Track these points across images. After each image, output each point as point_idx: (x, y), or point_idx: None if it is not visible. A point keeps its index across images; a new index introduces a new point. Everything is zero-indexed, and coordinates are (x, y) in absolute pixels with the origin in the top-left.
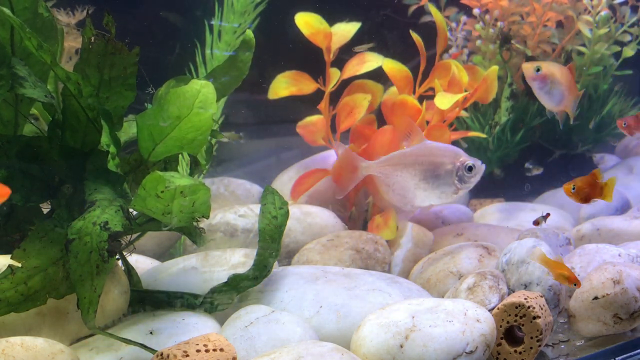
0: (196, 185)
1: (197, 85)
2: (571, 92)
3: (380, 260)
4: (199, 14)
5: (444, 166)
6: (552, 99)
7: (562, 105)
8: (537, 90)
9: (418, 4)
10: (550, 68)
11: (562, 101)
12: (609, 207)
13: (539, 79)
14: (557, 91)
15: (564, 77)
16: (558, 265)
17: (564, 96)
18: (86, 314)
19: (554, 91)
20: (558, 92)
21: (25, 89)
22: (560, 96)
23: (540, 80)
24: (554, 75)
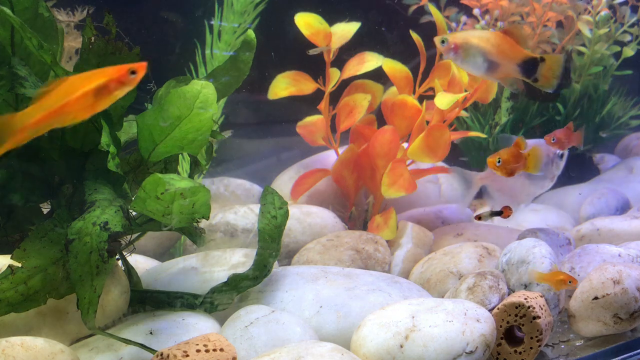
0: (196, 187)
1: (197, 86)
2: (507, 57)
3: (380, 260)
4: (199, 13)
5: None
6: (476, 67)
7: (496, 73)
8: (454, 62)
9: (418, 4)
10: (460, 36)
11: (496, 68)
12: (609, 207)
13: (450, 50)
14: (479, 58)
15: (487, 41)
16: (554, 274)
17: (495, 63)
18: (86, 314)
19: (475, 59)
20: (481, 59)
21: (25, 89)
22: (487, 63)
23: (451, 51)
24: (466, 42)
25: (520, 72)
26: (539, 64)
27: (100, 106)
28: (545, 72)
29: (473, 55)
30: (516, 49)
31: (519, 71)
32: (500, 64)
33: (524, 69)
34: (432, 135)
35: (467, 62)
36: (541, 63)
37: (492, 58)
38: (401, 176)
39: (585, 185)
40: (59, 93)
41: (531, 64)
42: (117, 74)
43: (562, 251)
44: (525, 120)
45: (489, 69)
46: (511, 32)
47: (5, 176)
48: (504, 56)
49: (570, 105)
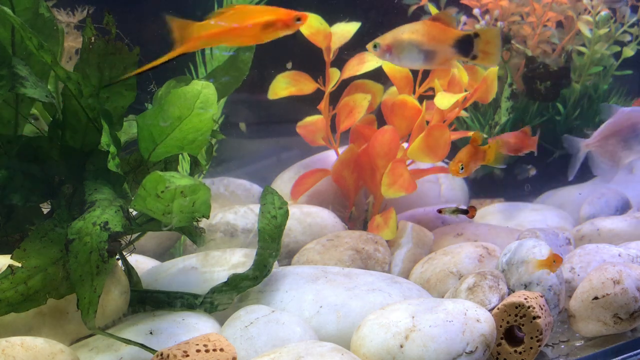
0: (196, 185)
1: (197, 86)
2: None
3: (380, 260)
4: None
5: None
6: (413, 60)
7: (435, 60)
8: (393, 62)
9: (418, 4)
10: (389, 35)
11: (433, 56)
12: (609, 207)
13: (385, 53)
14: (413, 51)
15: (416, 33)
16: (550, 259)
17: (430, 50)
18: (86, 314)
19: (410, 53)
20: (416, 51)
21: (26, 89)
22: (422, 53)
23: (386, 52)
24: (397, 39)
25: (457, 52)
26: (473, 41)
27: (263, 38)
28: (483, 47)
29: (407, 50)
30: (447, 31)
31: (456, 51)
32: (436, 50)
33: (460, 49)
34: (432, 135)
35: (404, 58)
36: (476, 39)
37: (426, 47)
38: (401, 176)
39: (585, 185)
40: (233, 17)
41: (466, 42)
42: (285, 16)
43: (562, 251)
44: (525, 120)
45: (426, 59)
46: (439, 18)
47: (5, 176)
48: (437, 41)
49: (570, 105)
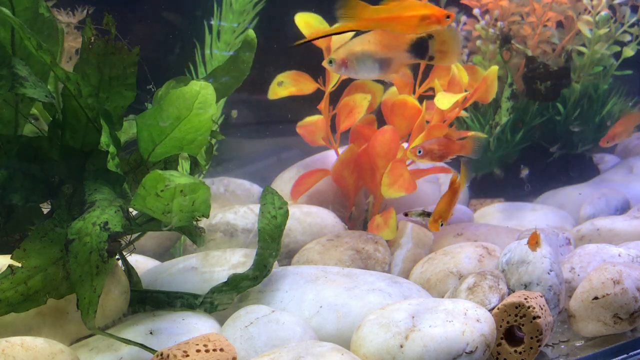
0: (196, 184)
1: (196, 86)
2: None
3: (380, 261)
4: (198, 13)
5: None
6: (370, 70)
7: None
8: (350, 75)
9: None
10: (343, 49)
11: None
12: (609, 207)
13: (341, 67)
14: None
15: (369, 43)
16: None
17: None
18: (86, 314)
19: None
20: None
21: (25, 89)
22: (377, 63)
23: (342, 66)
24: (351, 52)
25: (413, 56)
26: (428, 43)
27: (418, 29)
28: (439, 47)
29: (362, 61)
30: (399, 37)
31: (412, 56)
32: (391, 57)
33: (415, 52)
34: (432, 135)
35: (360, 70)
36: (431, 40)
37: (381, 55)
38: (401, 176)
39: (585, 185)
40: (398, 7)
41: (421, 44)
42: (439, 13)
43: (562, 251)
44: (525, 120)
45: (382, 67)
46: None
47: (5, 176)
48: (391, 48)
49: (570, 105)
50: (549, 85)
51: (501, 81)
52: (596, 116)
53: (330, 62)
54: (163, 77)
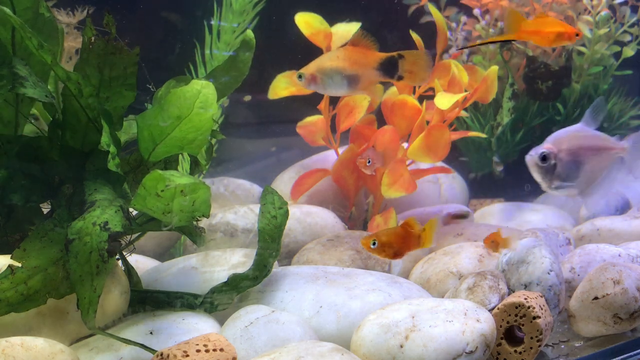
0: (196, 184)
1: (197, 86)
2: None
3: (380, 261)
4: (198, 13)
5: None
6: (338, 87)
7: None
8: (319, 91)
9: (418, 4)
10: (312, 65)
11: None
12: (609, 207)
13: (310, 82)
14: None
15: (338, 59)
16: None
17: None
18: (86, 314)
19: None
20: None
21: (26, 89)
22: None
23: (311, 82)
24: (320, 68)
25: (382, 75)
26: (398, 62)
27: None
28: (409, 67)
29: (331, 77)
30: (369, 55)
31: (381, 74)
32: (360, 75)
33: (385, 71)
34: (432, 135)
35: (329, 86)
36: (400, 60)
37: (349, 72)
38: (401, 176)
39: None
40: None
41: (391, 63)
42: (570, 31)
43: (562, 251)
44: (525, 120)
45: (351, 84)
46: (359, 42)
47: (5, 176)
48: (360, 66)
49: (570, 105)
50: (550, 85)
51: (501, 81)
52: None
53: (299, 77)
54: (163, 77)
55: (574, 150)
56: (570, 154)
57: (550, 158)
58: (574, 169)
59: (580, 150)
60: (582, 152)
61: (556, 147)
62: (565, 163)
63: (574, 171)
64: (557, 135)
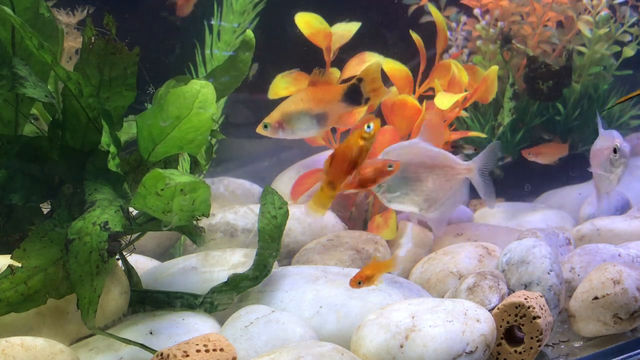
0: (196, 183)
1: (196, 86)
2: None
3: None
4: (198, 13)
5: None
6: (309, 128)
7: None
8: (287, 137)
9: (418, 4)
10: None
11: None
12: (609, 207)
13: (278, 129)
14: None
15: (302, 101)
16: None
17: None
18: (86, 314)
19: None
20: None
21: (26, 89)
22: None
23: (279, 129)
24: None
25: (349, 104)
26: (360, 87)
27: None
28: (370, 86)
29: (299, 120)
30: (330, 90)
31: (347, 104)
32: (327, 111)
33: (350, 99)
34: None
35: (298, 129)
36: (361, 83)
37: (316, 111)
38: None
39: (585, 185)
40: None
41: (354, 91)
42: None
43: (562, 251)
44: (526, 120)
45: (320, 122)
46: (316, 81)
47: (5, 176)
48: (325, 102)
49: (570, 105)
50: (550, 85)
51: (502, 81)
52: (596, 116)
53: (265, 127)
54: (163, 77)
55: (404, 166)
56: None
57: None
58: (400, 182)
59: (409, 165)
60: (410, 167)
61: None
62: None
63: (399, 184)
64: (390, 148)
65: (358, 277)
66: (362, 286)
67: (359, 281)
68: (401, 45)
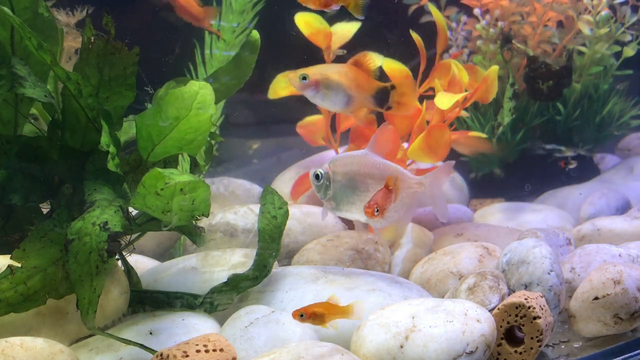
0: (196, 182)
1: (195, 87)
2: (363, 90)
3: (380, 261)
4: None
5: None
6: (336, 103)
7: (352, 106)
8: (312, 99)
9: (418, 4)
10: (318, 72)
11: (352, 102)
12: (609, 207)
13: (310, 87)
14: (340, 94)
15: (345, 76)
16: None
17: (353, 96)
18: (86, 315)
19: (337, 95)
20: (342, 95)
21: (25, 89)
22: (346, 98)
23: (313, 88)
24: (327, 78)
25: (374, 103)
26: (390, 93)
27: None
28: (398, 98)
29: (335, 91)
30: (370, 81)
31: (373, 102)
32: (357, 97)
33: (377, 99)
34: (432, 135)
35: (328, 98)
36: (392, 91)
37: (350, 92)
38: None
39: (586, 185)
40: None
41: (384, 93)
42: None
43: (563, 251)
44: (526, 120)
45: (347, 103)
46: (360, 62)
47: (5, 176)
48: (360, 89)
49: (570, 105)
50: (551, 85)
51: (502, 81)
52: (596, 116)
53: (303, 78)
54: (163, 77)
55: (350, 176)
56: (346, 178)
57: (322, 178)
58: (346, 191)
59: (356, 175)
60: (358, 177)
61: (331, 169)
62: (337, 185)
63: (346, 193)
64: (337, 157)
65: (302, 311)
66: (306, 322)
67: (302, 314)
68: (401, 45)
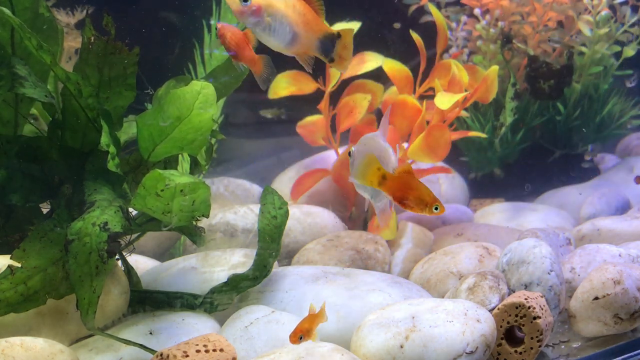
0: (196, 183)
1: (197, 86)
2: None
3: (380, 261)
4: (197, 13)
5: None
6: (279, 37)
7: (296, 47)
8: (253, 28)
9: (418, 4)
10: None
11: (297, 41)
12: (609, 207)
13: (251, 13)
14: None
15: (293, 9)
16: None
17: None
18: (85, 315)
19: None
20: (287, 29)
21: (25, 89)
22: (291, 34)
23: (253, 14)
24: (271, 5)
25: (319, 49)
26: (336, 41)
27: None
28: (341, 50)
29: (279, 23)
30: (319, 22)
31: (319, 47)
32: (303, 37)
33: (323, 46)
34: (432, 135)
35: (269, 30)
36: (338, 40)
37: (298, 29)
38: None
39: (586, 185)
40: None
41: (330, 41)
42: None
43: (563, 251)
44: (526, 120)
45: (291, 42)
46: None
47: (5, 176)
48: (308, 28)
49: (570, 105)
50: (552, 84)
51: (502, 81)
52: (596, 116)
53: (245, 1)
54: (163, 77)
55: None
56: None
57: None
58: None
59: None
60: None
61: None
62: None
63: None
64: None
65: (299, 332)
66: (304, 340)
67: (300, 336)
68: (401, 45)
